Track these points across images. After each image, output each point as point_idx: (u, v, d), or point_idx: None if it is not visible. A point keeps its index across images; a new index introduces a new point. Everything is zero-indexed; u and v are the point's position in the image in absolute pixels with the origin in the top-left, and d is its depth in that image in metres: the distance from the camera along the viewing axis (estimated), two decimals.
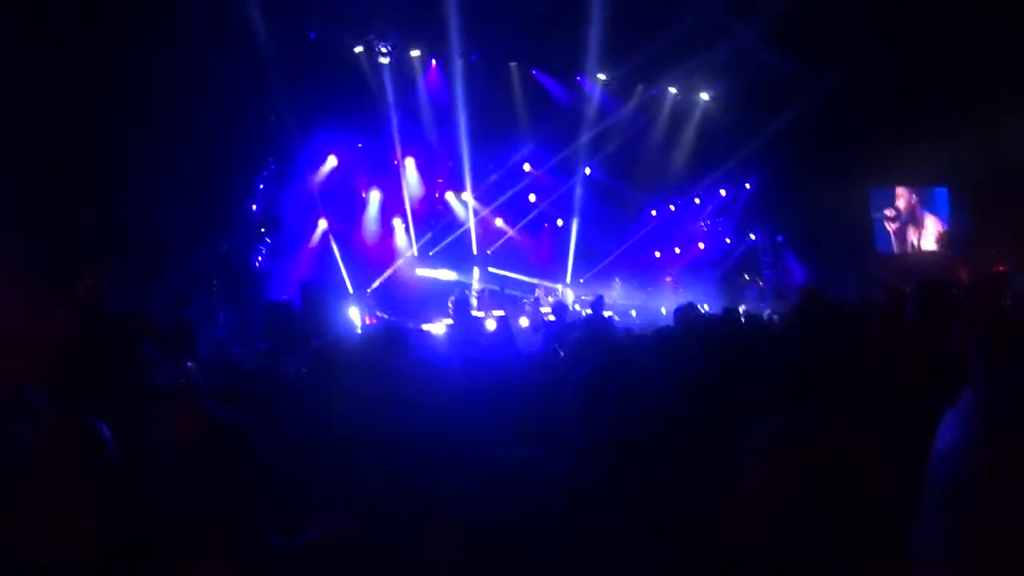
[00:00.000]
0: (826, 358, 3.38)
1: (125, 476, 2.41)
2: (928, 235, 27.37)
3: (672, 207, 27.14)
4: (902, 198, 27.07)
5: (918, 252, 26.99)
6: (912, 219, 27.19)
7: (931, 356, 3.98)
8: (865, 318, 6.99)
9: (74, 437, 2.33)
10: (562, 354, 8.49)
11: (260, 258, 18.59)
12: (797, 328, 6.83)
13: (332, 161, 20.91)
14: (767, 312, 15.03)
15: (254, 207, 18.58)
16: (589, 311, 16.90)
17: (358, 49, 19.70)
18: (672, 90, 24.05)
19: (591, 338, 8.27)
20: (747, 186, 26.15)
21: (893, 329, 6.10)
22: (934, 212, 27.57)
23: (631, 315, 22.21)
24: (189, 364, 10.62)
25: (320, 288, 16.97)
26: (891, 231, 26.99)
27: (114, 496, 2.26)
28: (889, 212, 26.92)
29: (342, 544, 2.28)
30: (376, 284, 21.22)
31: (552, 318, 20.26)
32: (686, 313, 9.26)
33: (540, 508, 1.66)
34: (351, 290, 19.48)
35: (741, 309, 16.11)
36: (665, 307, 21.21)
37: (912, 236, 27.22)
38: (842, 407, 2.11)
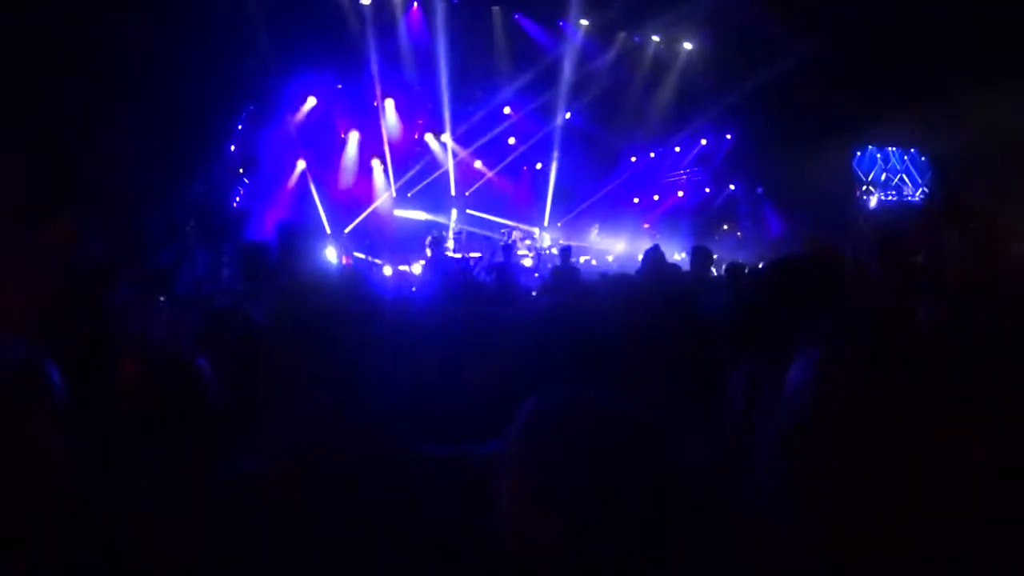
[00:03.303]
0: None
1: (76, 420, 2.47)
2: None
3: (652, 154, 27.17)
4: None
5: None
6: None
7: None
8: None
9: (19, 378, 2.36)
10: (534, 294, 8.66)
11: (238, 199, 18.58)
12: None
13: (311, 102, 20.81)
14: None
15: (232, 148, 18.52)
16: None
17: None
18: (655, 38, 23.89)
19: (558, 283, 8.42)
20: (728, 137, 26.12)
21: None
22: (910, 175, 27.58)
23: (608, 260, 22.39)
24: (162, 299, 10.68)
25: (298, 228, 16.96)
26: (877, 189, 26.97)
27: (62, 439, 2.31)
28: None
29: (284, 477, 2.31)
30: (353, 225, 21.24)
31: (528, 262, 20.54)
32: (652, 259, 9.26)
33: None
34: (328, 231, 19.48)
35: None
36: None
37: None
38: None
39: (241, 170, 18.72)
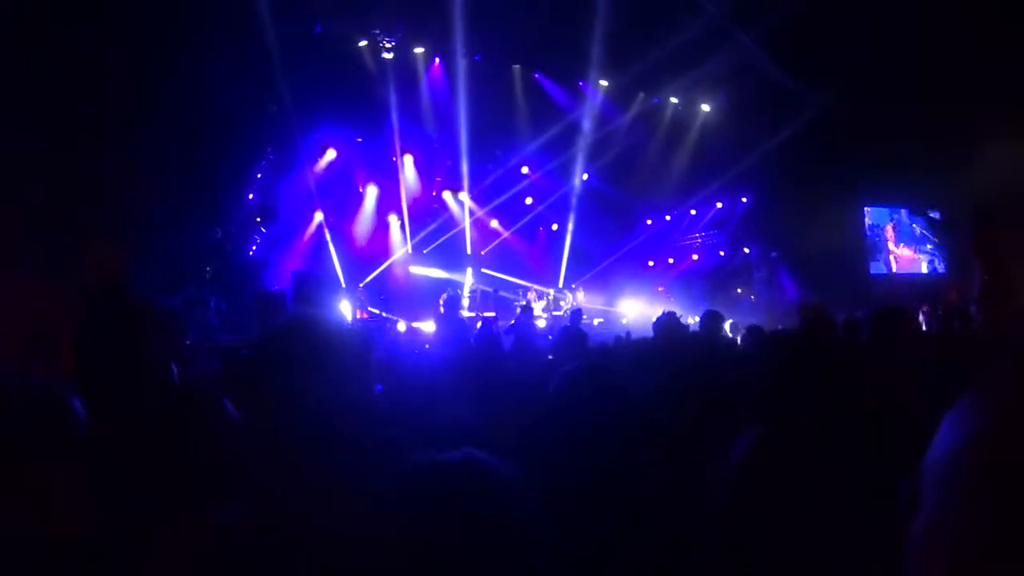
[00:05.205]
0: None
1: (98, 452, 2.41)
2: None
3: (668, 217, 27.23)
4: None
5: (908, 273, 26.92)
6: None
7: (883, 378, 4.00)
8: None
9: (41, 413, 2.33)
10: (551, 357, 8.55)
11: (254, 247, 18.59)
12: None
13: (331, 154, 20.94)
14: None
15: (251, 196, 18.57)
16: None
17: (362, 43, 19.64)
18: (673, 99, 24.00)
19: (567, 345, 8.34)
20: (743, 200, 26.10)
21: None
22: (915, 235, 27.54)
23: (623, 323, 22.26)
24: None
25: (313, 279, 16.93)
26: (889, 250, 26.92)
27: (83, 472, 2.26)
28: (887, 232, 26.89)
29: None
30: (369, 279, 21.24)
31: (543, 323, 20.43)
32: (667, 324, 9.20)
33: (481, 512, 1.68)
34: (344, 283, 19.46)
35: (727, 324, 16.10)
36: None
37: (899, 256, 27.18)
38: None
39: (259, 219, 18.75)
